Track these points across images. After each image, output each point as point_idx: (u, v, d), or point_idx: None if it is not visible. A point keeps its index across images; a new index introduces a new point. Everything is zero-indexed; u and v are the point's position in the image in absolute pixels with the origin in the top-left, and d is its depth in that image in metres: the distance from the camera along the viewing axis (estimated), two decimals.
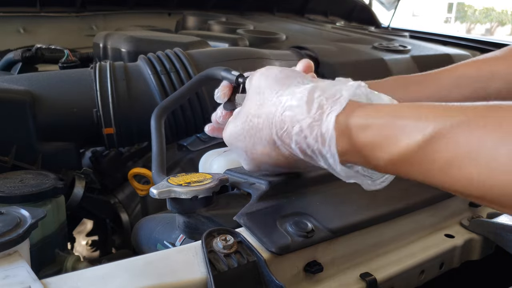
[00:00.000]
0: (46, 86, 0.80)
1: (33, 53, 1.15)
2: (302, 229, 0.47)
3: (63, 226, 0.67)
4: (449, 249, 0.59)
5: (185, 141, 1.05)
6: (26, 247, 0.41)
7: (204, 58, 0.94)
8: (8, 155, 0.71)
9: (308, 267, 0.48)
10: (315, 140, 0.43)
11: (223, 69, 0.67)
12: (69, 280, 0.38)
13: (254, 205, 0.51)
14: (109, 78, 0.83)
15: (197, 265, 0.42)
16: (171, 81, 0.87)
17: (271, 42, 1.42)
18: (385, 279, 0.51)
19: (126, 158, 1.07)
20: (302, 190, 0.56)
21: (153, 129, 0.68)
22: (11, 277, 0.36)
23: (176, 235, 0.60)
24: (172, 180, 0.52)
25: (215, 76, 0.69)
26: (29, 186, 0.61)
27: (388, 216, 0.55)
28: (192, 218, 0.52)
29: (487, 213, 0.66)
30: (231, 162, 0.65)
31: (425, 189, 0.61)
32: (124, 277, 0.39)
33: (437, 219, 0.63)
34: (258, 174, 0.56)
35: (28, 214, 0.42)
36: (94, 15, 1.75)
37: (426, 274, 0.57)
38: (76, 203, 0.78)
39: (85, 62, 1.18)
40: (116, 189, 1.02)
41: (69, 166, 0.80)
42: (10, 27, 1.58)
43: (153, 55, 0.91)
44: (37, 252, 0.59)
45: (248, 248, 0.43)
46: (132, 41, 1.11)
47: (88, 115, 0.80)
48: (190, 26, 1.69)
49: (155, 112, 0.70)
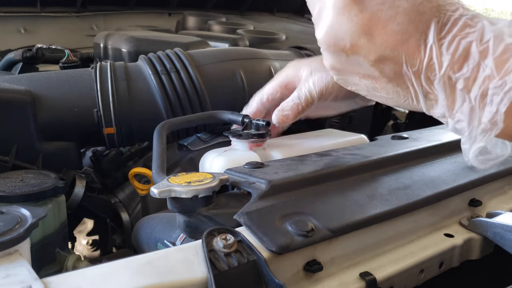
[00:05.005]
0: (46, 86, 0.80)
1: (33, 53, 1.15)
2: (302, 229, 0.47)
3: (64, 226, 0.67)
4: (449, 249, 0.59)
5: (185, 140, 1.05)
6: (26, 246, 0.41)
7: (204, 58, 0.94)
8: (8, 155, 0.71)
9: (307, 266, 0.48)
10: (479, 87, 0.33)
11: (230, 113, 0.76)
12: (70, 279, 0.38)
13: (254, 204, 0.51)
14: (110, 78, 0.83)
15: (197, 264, 0.42)
16: (172, 81, 0.87)
17: (271, 42, 1.42)
18: (384, 279, 0.51)
19: (127, 158, 1.07)
20: (302, 190, 0.56)
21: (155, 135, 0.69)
22: (12, 276, 0.36)
23: (176, 235, 0.61)
24: (172, 180, 0.52)
25: (223, 118, 0.78)
26: (30, 185, 0.61)
27: (387, 216, 0.55)
28: (193, 218, 0.52)
29: (486, 212, 0.66)
30: (231, 161, 0.65)
31: (425, 188, 0.61)
32: (124, 276, 0.39)
33: (437, 218, 0.63)
34: (258, 174, 0.56)
35: (28, 214, 0.42)
36: (95, 15, 1.75)
37: (426, 274, 0.57)
38: (77, 203, 0.78)
39: (85, 62, 1.18)
40: (117, 188, 1.02)
41: (69, 166, 0.80)
42: (10, 27, 1.58)
43: (153, 55, 0.91)
44: (37, 251, 0.59)
45: (248, 247, 0.44)
46: (132, 41, 1.11)
47: (89, 115, 0.80)
48: (190, 26, 1.70)
49: (158, 126, 0.72)
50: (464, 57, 0.34)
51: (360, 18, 0.36)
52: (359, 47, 0.37)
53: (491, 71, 0.33)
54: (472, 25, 0.34)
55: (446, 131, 0.84)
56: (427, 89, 0.36)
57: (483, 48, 0.33)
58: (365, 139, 0.81)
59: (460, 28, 0.34)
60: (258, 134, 0.71)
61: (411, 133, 0.83)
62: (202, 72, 0.91)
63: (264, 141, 0.72)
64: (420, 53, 0.35)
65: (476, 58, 0.33)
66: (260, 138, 0.71)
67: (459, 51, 0.34)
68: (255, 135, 0.70)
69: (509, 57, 0.32)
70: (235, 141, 0.72)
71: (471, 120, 0.35)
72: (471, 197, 0.68)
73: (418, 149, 0.72)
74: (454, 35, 0.34)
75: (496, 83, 0.33)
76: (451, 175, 0.66)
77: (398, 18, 0.35)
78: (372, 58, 0.37)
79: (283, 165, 0.62)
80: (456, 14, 0.35)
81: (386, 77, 0.37)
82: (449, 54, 0.34)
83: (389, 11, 0.35)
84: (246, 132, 0.72)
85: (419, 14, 0.35)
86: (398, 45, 0.35)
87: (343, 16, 0.36)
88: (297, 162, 0.63)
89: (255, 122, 0.72)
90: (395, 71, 0.37)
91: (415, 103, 0.38)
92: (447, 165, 0.70)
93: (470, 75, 0.34)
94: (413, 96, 0.38)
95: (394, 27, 0.35)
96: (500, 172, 0.71)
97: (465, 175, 0.67)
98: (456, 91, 0.35)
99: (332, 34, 0.37)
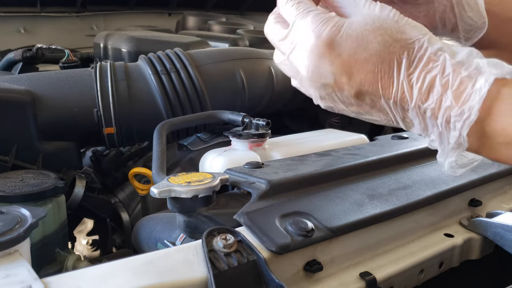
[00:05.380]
0: (46, 86, 0.80)
1: (33, 53, 1.15)
2: (302, 228, 0.47)
3: (64, 226, 0.67)
4: (449, 249, 0.59)
5: (185, 140, 1.05)
6: (26, 246, 0.41)
7: (204, 58, 0.94)
8: (8, 155, 0.71)
9: (308, 266, 0.48)
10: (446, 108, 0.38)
11: (229, 113, 0.77)
12: (70, 279, 0.38)
13: (254, 204, 0.51)
14: (110, 78, 0.83)
15: (197, 264, 0.42)
16: (172, 81, 0.87)
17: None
18: (384, 278, 0.51)
19: (127, 158, 1.07)
20: (302, 190, 0.56)
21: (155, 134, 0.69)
22: (12, 276, 0.36)
23: (176, 234, 0.60)
24: (172, 180, 0.52)
25: (223, 118, 0.78)
26: (30, 185, 0.61)
27: (387, 216, 0.55)
28: (193, 218, 0.52)
29: (486, 212, 0.66)
30: (231, 161, 0.65)
31: (425, 188, 0.61)
32: (124, 276, 0.39)
33: (437, 218, 0.63)
34: (257, 174, 0.56)
35: (28, 214, 0.42)
36: (95, 15, 1.75)
37: (426, 274, 0.57)
38: (77, 203, 0.78)
39: (85, 62, 1.18)
40: (117, 188, 1.02)
41: (69, 166, 0.80)
42: (10, 27, 1.58)
43: (153, 55, 0.91)
44: (37, 251, 0.59)
45: (248, 247, 0.44)
46: (132, 41, 1.11)
47: (89, 114, 0.80)
48: (190, 26, 1.70)
49: (158, 126, 0.72)
50: (429, 89, 0.39)
51: (339, 60, 0.41)
52: (341, 83, 0.42)
53: (451, 102, 0.38)
54: (435, 59, 0.39)
55: None
56: (402, 115, 0.42)
57: (445, 81, 0.39)
58: (365, 139, 0.81)
59: (425, 64, 0.40)
60: (258, 134, 0.71)
61: (411, 133, 0.83)
62: (202, 72, 0.91)
63: (264, 141, 0.72)
64: (393, 88, 0.41)
65: (439, 90, 0.39)
66: (260, 138, 0.71)
67: (425, 84, 0.39)
68: (255, 135, 0.70)
69: (464, 89, 0.38)
70: (235, 141, 0.72)
71: (442, 141, 0.41)
72: (471, 197, 0.68)
73: (418, 149, 0.72)
74: (421, 70, 0.40)
75: (456, 111, 0.38)
76: (451, 175, 0.66)
77: (372, 59, 0.41)
78: (353, 93, 0.42)
79: (283, 165, 0.62)
80: (421, 51, 0.40)
81: (368, 105, 0.43)
82: (417, 87, 0.40)
83: (363, 54, 0.41)
84: (246, 132, 0.72)
85: (389, 54, 0.40)
86: (374, 82, 0.41)
87: (324, 59, 0.42)
88: (297, 162, 0.63)
89: (255, 122, 0.72)
90: (374, 101, 0.42)
91: (397, 124, 0.44)
92: None
93: (435, 105, 0.39)
94: (393, 120, 0.43)
95: (369, 67, 0.41)
96: (500, 172, 0.71)
97: (465, 175, 0.67)
98: (426, 118, 0.41)
99: (316, 73, 0.43)
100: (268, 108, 1.06)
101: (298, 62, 0.44)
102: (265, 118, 0.73)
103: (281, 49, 0.46)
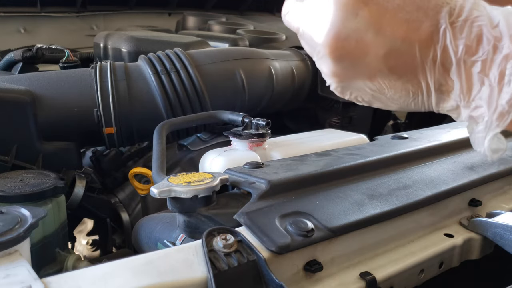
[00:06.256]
0: (46, 86, 0.80)
1: (33, 53, 1.15)
2: (302, 228, 0.47)
3: (64, 226, 0.67)
4: (449, 249, 0.59)
5: (185, 140, 1.05)
6: (26, 246, 0.41)
7: (204, 58, 0.94)
8: (8, 155, 0.71)
9: (307, 266, 0.48)
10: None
11: (229, 113, 0.77)
12: (70, 279, 0.38)
13: (254, 204, 0.51)
14: (110, 78, 0.83)
15: (197, 264, 0.42)
16: (172, 81, 0.87)
17: (271, 42, 1.43)
18: (384, 278, 0.51)
19: (127, 158, 1.07)
20: (302, 190, 0.56)
21: (155, 134, 0.69)
22: (12, 276, 0.36)
23: (176, 234, 0.61)
24: (172, 180, 0.52)
25: (223, 118, 0.78)
26: (30, 185, 0.61)
27: (387, 216, 0.55)
28: (193, 218, 0.52)
29: (486, 212, 0.66)
30: (231, 161, 0.65)
31: (425, 188, 0.61)
32: (124, 276, 0.39)
33: (437, 218, 0.63)
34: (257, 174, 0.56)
35: (28, 214, 0.43)
36: (95, 15, 1.75)
37: (426, 274, 0.57)
38: (77, 203, 0.78)
39: (85, 62, 1.18)
40: (117, 188, 1.02)
41: (69, 166, 0.80)
42: (10, 27, 1.58)
43: (153, 55, 0.91)
44: (37, 251, 0.59)
45: (248, 247, 0.44)
46: (132, 41, 1.11)
47: (89, 115, 0.80)
48: (190, 26, 1.70)
49: (158, 126, 0.72)
50: (478, 40, 0.33)
51: (365, 11, 0.34)
52: (366, 43, 0.34)
53: (509, 50, 0.32)
54: (478, 9, 0.33)
55: (446, 131, 0.84)
56: (440, 80, 0.35)
57: (495, 30, 0.32)
58: (365, 139, 0.81)
59: (469, 12, 0.33)
60: (258, 134, 0.71)
61: (411, 133, 0.83)
62: (202, 72, 0.91)
63: (264, 141, 0.72)
64: (433, 40, 0.33)
65: (491, 40, 0.32)
66: (260, 138, 0.71)
67: (473, 34, 0.33)
68: (255, 135, 0.70)
69: None
70: (235, 141, 0.72)
71: (490, 104, 0.34)
72: (471, 197, 0.68)
73: (418, 149, 0.72)
74: (465, 19, 0.33)
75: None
76: (451, 175, 0.66)
77: (406, 7, 0.34)
78: (381, 53, 0.35)
79: (283, 165, 0.62)
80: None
81: (395, 74, 0.35)
82: (463, 37, 0.33)
83: (395, 1, 0.34)
84: (246, 132, 0.72)
85: (426, 0, 0.34)
86: (409, 34, 0.34)
87: (345, 12, 0.34)
88: (297, 162, 0.63)
89: (255, 122, 0.72)
90: (407, 65, 0.35)
91: (425, 99, 0.36)
92: (447, 165, 0.70)
93: (487, 57, 0.33)
94: (424, 92, 0.36)
95: (403, 15, 0.33)
96: (500, 172, 0.71)
97: (465, 175, 0.67)
98: (473, 76, 0.34)
99: (335, 35, 0.35)
100: (268, 108, 1.06)
101: (316, 26, 0.36)
102: (265, 118, 0.73)
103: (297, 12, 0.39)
